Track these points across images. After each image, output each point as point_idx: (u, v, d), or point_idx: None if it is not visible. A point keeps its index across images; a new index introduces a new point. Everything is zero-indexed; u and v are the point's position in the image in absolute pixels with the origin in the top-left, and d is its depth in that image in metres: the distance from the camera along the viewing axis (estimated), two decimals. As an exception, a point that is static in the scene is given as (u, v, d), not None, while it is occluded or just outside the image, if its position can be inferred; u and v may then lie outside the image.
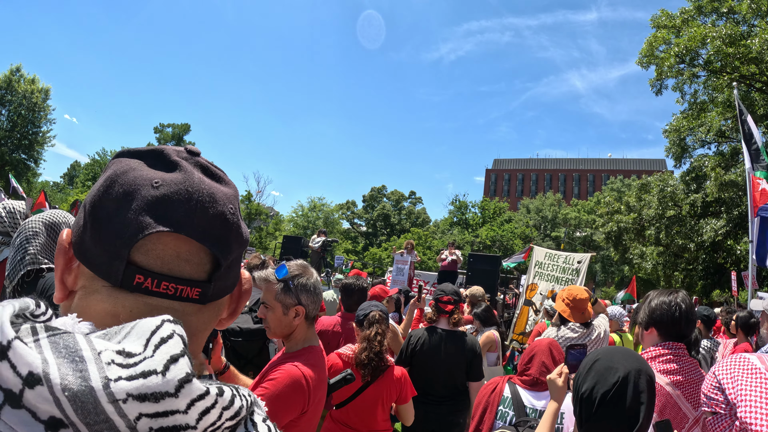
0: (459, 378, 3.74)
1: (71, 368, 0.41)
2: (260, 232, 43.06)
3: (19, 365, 0.41)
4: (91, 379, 0.41)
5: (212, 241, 0.58)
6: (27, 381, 0.40)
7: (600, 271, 44.23)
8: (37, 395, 0.40)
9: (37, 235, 2.19)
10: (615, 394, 1.52)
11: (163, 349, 0.45)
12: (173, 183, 0.57)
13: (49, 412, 0.41)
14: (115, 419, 0.41)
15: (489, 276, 10.71)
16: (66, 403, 0.40)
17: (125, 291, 0.55)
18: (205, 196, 0.58)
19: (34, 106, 37.00)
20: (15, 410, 0.41)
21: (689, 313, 2.21)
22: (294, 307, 2.03)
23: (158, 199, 0.56)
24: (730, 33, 17.33)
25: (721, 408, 1.35)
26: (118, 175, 0.58)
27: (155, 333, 0.47)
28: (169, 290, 0.56)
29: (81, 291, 0.58)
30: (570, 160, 77.84)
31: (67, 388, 0.41)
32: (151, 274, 0.55)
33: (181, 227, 0.56)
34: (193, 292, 0.58)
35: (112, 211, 0.56)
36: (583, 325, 3.67)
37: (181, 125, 52.11)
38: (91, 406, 0.41)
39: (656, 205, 21.55)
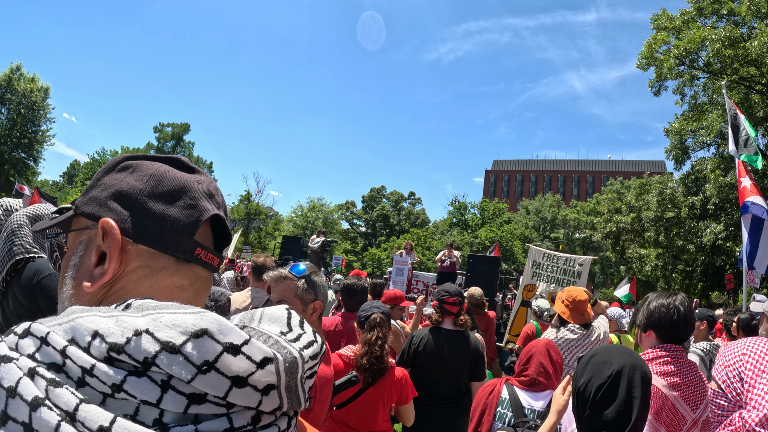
0: (462, 379, 3.71)
1: (279, 348, 0.56)
2: (259, 232, 43.05)
3: (254, 355, 0.53)
4: (294, 353, 0.57)
5: (228, 220, 0.78)
6: (260, 364, 0.53)
7: (599, 273, 44.22)
8: (265, 372, 0.54)
9: (21, 227, 2.33)
10: (609, 387, 1.56)
11: (306, 326, 0.63)
12: (206, 181, 0.77)
13: (267, 381, 0.54)
14: (299, 374, 0.57)
15: (488, 277, 10.69)
16: (283, 372, 0.55)
17: (184, 263, 0.71)
18: (220, 191, 0.79)
19: (33, 104, 36.96)
20: (240, 389, 0.52)
21: (688, 316, 2.21)
22: (312, 303, 2.08)
23: (206, 192, 0.75)
24: (729, 35, 17.34)
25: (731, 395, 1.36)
26: (163, 173, 0.73)
27: (291, 318, 0.63)
28: (208, 259, 0.74)
29: (141, 270, 0.69)
30: (569, 162, 77.86)
31: (287, 361, 0.56)
32: (204, 247, 0.73)
33: (221, 210, 0.76)
34: (216, 261, 0.76)
35: (172, 199, 0.71)
36: (582, 326, 3.67)
37: (180, 125, 52.03)
38: (294, 369, 0.56)
39: (655, 206, 21.56)
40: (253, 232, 43.05)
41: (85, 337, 0.51)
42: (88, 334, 0.51)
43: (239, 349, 0.52)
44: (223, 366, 0.51)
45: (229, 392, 0.52)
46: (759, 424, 1.25)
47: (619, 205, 24.84)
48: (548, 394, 2.54)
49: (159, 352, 0.50)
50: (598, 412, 1.57)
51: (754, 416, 1.27)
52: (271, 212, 49.63)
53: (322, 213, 49.62)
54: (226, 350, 0.52)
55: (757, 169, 17.74)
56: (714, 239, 19.13)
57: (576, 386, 1.67)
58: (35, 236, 2.33)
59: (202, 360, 0.51)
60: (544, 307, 5.97)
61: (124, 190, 0.71)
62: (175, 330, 0.52)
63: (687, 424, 2.03)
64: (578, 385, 1.65)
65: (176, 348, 0.51)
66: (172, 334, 0.52)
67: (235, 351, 0.52)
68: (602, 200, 30.99)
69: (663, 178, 23.03)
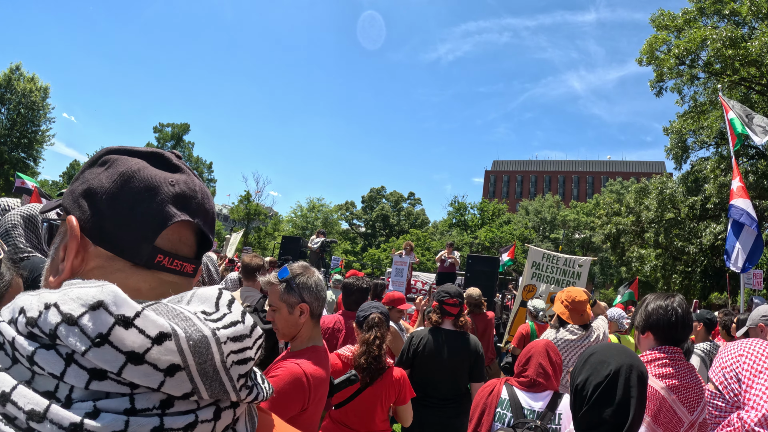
0: (462, 379, 3.71)
1: (186, 324, 0.55)
2: (259, 232, 43.05)
3: (148, 329, 0.52)
4: (203, 330, 0.55)
5: (208, 228, 0.74)
6: (156, 339, 0.51)
7: (599, 273, 44.22)
8: (164, 349, 0.52)
9: (15, 227, 2.36)
10: (606, 386, 1.57)
11: (235, 306, 0.63)
12: (184, 182, 0.72)
13: (170, 361, 0.52)
14: (216, 357, 0.55)
15: (487, 277, 10.69)
16: (188, 351, 0.53)
17: (143, 269, 0.68)
18: (204, 193, 0.75)
19: (33, 104, 36.93)
20: (137, 366, 0.51)
21: (686, 318, 2.21)
22: (298, 305, 2.09)
23: (177, 195, 0.70)
24: (730, 35, 17.36)
25: (728, 396, 1.35)
26: (134, 172, 0.69)
27: (220, 298, 0.62)
28: (176, 267, 0.70)
29: (97, 270, 0.67)
30: (569, 162, 77.88)
31: (191, 338, 0.53)
32: (167, 253, 0.69)
33: (195, 217, 0.71)
34: (190, 267, 0.72)
35: (135, 202, 0.68)
36: (582, 327, 3.66)
37: (180, 125, 51.99)
38: (204, 349, 0.54)
39: (655, 207, 21.57)
40: (252, 232, 43.05)
41: (16, 314, 0.53)
42: (18, 310, 0.53)
43: (131, 321, 0.51)
44: (116, 339, 0.50)
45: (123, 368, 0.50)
46: (758, 424, 1.25)
47: (617, 207, 24.85)
48: (548, 395, 2.53)
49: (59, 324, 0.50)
50: (595, 410, 1.58)
51: (753, 416, 1.27)
52: (270, 212, 49.65)
53: (322, 213, 49.63)
54: (118, 322, 0.51)
55: (757, 169, 17.78)
56: (714, 240, 19.14)
57: (574, 384, 1.68)
58: (28, 236, 2.35)
59: (96, 332, 0.50)
60: (539, 308, 5.96)
61: (93, 188, 0.69)
62: (77, 302, 0.51)
63: (684, 426, 2.03)
64: (576, 383, 1.66)
65: (74, 320, 0.50)
66: (74, 306, 0.51)
67: (126, 323, 0.51)
68: (601, 202, 30.97)
69: (663, 178, 23.03)
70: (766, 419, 1.25)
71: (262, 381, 0.69)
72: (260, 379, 0.68)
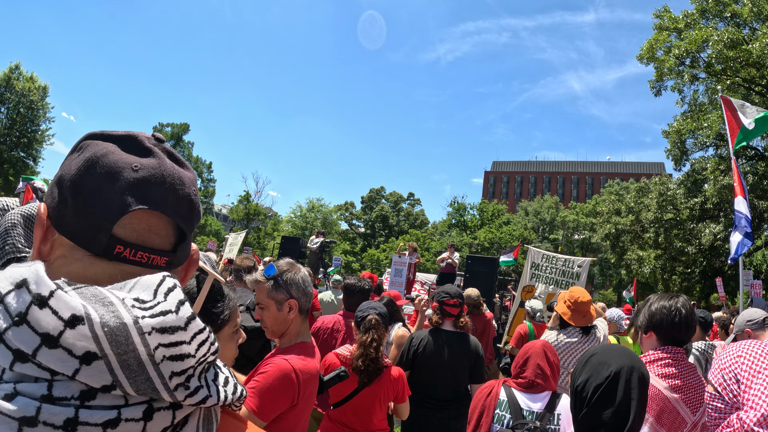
0: (462, 381, 3.70)
1: (105, 310, 0.51)
2: (258, 232, 43.04)
3: (61, 310, 0.49)
4: (123, 317, 0.51)
5: (181, 217, 0.68)
6: (69, 322, 0.49)
7: (598, 274, 44.25)
8: (77, 333, 0.49)
9: (15, 226, 2.34)
10: (607, 387, 1.57)
11: (172, 295, 0.57)
12: (150, 167, 0.66)
13: (86, 348, 0.49)
14: (140, 349, 0.51)
15: (487, 278, 10.70)
16: (103, 338, 0.50)
17: (104, 260, 0.63)
18: (176, 179, 0.68)
19: (32, 104, 36.93)
20: (51, 350, 0.49)
21: (689, 319, 2.20)
22: (286, 301, 2.09)
23: (138, 181, 0.64)
24: (731, 37, 17.38)
25: (728, 397, 1.35)
26: (99, 157, 0.64)
27: (161, 285, 0.58)
28: (143, 259, 0.65)
29: (61, 259, 0.64)
30: (568, 163, 77.94)
31: (106, 324, 0.50)
32: (130, 245, 0.63)
33: (158, 205, 0.65)
34: (161, 260, 0.67)
35: (95, 189, 0.63)
36: (582, 329, 3.65)
37: (180, 125, 52.00)
38: (123, 338, 0.50)
39: (655, 207, 21.58)
40: (252, 232, 43.03)
41: None
42: None
43: (46, 301, 0.49)
44: (32, 319, 0.48)
45: (38, 350, 0.48)
46: (757, 424, 1.25)
47: (619, 206, 24.86)
48: (546, 396, 2.53)
49: None
50: (596, 411, 1.57)
51: (752, 416, 1.27)
52: (270, 213, 49.66)
53: (321, 214, 49.67)
54: (34, 302, 0.49)
55: (757, 170, 17.78)
56: (713, 240, 19.15)
57: (574, 385, 1.67)
58: (28, 235, 2.35)
59: (17, 311, 0.49)
60: (537, 308, 5.96)
61: (63, 175, 0.65)
62: (7, 281, 0.50)
63: (687, 427, 2.02)
64: (576, 384, 1.66)
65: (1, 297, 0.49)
66: (5, 284, 0.50)
67: (41, 303, 0.49)
68: (601, 202, 31.00)
69: (662, 178, 23.05)
70: (765, 419, 1.25)
71: (225, 383, 0.64)
72: (221, 381, 0.64)
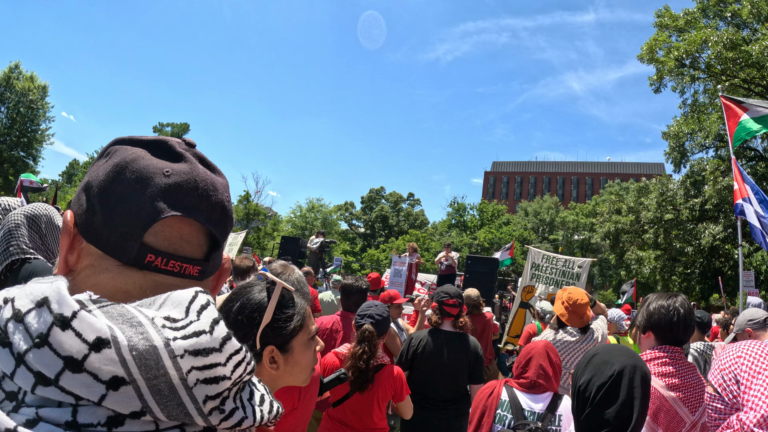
0: (462, 381, 3.70)
1: (133, 331, 0.48)
2: (258, 232, 43.03)
3: (85, 332, 0.46)
4: (153, 340, 0.48)
5: (214, 225, 0.65)
6: (94, 345, 0.46)
7: (598, 275, 44.26)
8: (103, 357, 0.46)
9: (19, 227, 2.31)
10: (610, 386, 1.57)
11: (205, 314, 0.54)
12: (182, 173, 0.63)
13: (113, 372, 0.46)
14: (172, 373, 0.48)
15: (486, 278, 10.71)
16: (131, 362, 0.47)
17: (134, 269, 0.61)
18: (209, 185, 0.65)
19: (31, 103, 36.93)
20: (75, 374, 0.46)
21: (687, 318, 2.20)
22: None
23: (170, 186, 0.62)
24: (731, 38, 17.40)
25: (727, 397, 1.35)
26: (128, 163, 0.62)
27: (193, 302, 0.55)
28: (174, 268, 0.62)
29: (88, 269, 0.62)
30: (568, 164, 77.96)
31: (135, 348, 0.47)
32: (161, 253, 0.61)
33: (191, 212, 0.63)
34: (194, 269, 0.64)
35: (125, 195, 0.60)
36: (581, 329, 3.66)
37: (180, 124, 52.05)
38: (153, 362, 0.47)
39: (654, 208, 21.60)
40: (252, 232, 43.03)
41: None
42: None
43: (68, 322, 0.46)
44: (54, 341, 0.45)
45: (60, 375, 0.45)
46: (757, 425, 1.25)
47: (619, 206, 24.88)
48: (547, 396, 2.53)
49: (9, 320, 0.46)
50: (599, 411, 1.57)
51: (752, 417, 1.27)
52: (270, 213, 49.63)
53: (321, 214, 49.65)
54: (56, 322, 0.46)
55: (757, 171, 17.78)
56: (712, 241, 19.17)
57: (576, 385, 1.67)
58: (31, 236, 2.32)
59: (38, 332, 0.46)
60: (547, 309, 5.96)
61: (90, 182, 0.63)
62: (28, 298, 0.47)
63: (686, 427, 2.02)
64: (579, 384, 1.65)
65: (21, 316, 0.46)
66: (25, 302, 0.47)
67: (63, 324, 0.46)
68: (601, 202, 31.01)
69: (662, 179, 23.09)
70: (765, 420, 1.25)
71: (261, 402, 0.62)
72: (257, 400, 0.61)
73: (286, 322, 1.28)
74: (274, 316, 1.26)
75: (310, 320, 1.34)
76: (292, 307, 1.31)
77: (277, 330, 1.26)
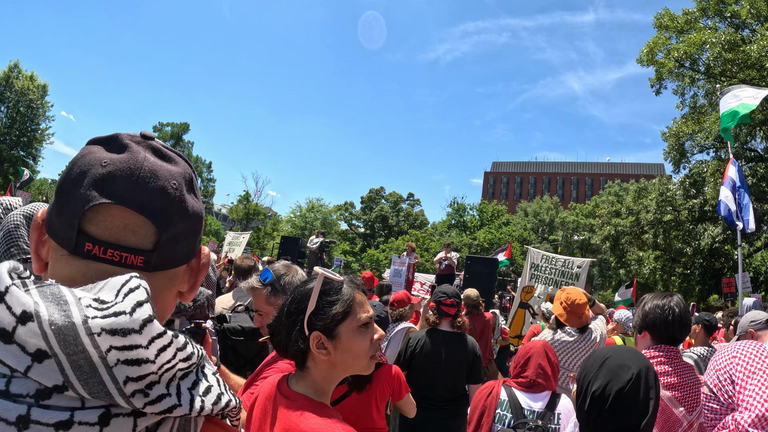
0: (460, 381, 3.70)
1: (57, 308, 0.51)
2: (258, 232, 43.00)
3: (14, 306, 0.50)
4: (73, 317, 0.51)
5: (150, 212, 0.64)
6: (20, 319, 0.49)
7: (597, 275, 44.25)
8: (28, 330, 0.49)
9: (18, 227, 2.34)
10: (629, 390, 1.54)
11: (131, 296, 0.55)
12: (118, 162, 0.64)
13: (37, 345, 0.49)
14: (90, 350, 0.51)
15: (486, 278, 10.71)
16: (51, 336, 0.50)
17: (78, 258, 0.63)
18: (147, 172, 0.65)
19: (31, 102, 36.92)
20: (6, 345, 0.50)
21: (683, 317, 2.21)
22: None
23: (104, 176, 0.63)
24: (729, 39, 17.41)
25: (723, 398, 1.36)
26: (78, 159, 0.66)
27: (125, 285, 0.56)
28: (114, 257, 0.63)
29: (51, 260, 0.66)
30: (568, 164, 77.93)
31: (54, 323, 0.50)
32: (99, 242, 0.62)
33: (122, 200, 0.63)
34: (137, 259, 0.64)
35: (71, 188, 0.64)
36: (579, 329, 3.66)
37: (179, 124, 52.01)
38: (72, 338, 0.50)
39: (654, 209, 21.60)
40: (251, 232, 43.05)
41: None
42: None
43: (2, 297, 0.50)
44: None
45: None
46: (752, 425, 1.26)
47: (618, 208, 24.87)
48: (546, 395, 2.55)
49: None
50: (619, 415, 1.55)
51: (747, 417, 1.28)
52: (269, 213, 49.65)
53: (321, 214, 49.67)
54: None
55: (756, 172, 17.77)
56: (712, 242, 19.18)
57: (589, 390, 1.62)
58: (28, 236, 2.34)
59: None
60: None
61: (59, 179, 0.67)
62: None
63: (683, 426, 2.03)
64: (593, 389, 1.60)
65: None
66: None
67: None
68: (601, 203, 31.00)
69: (662, 179, 23.09)
70: (760, 419, 1.25)
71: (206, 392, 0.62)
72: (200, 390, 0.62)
73: (327, 309, 1.32)
74: (318, 303, 1.32)
75: (360, 308, 1.37)
76: (336, 295, 1.35)
77: (320, 316, 1.32)
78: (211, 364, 0.68)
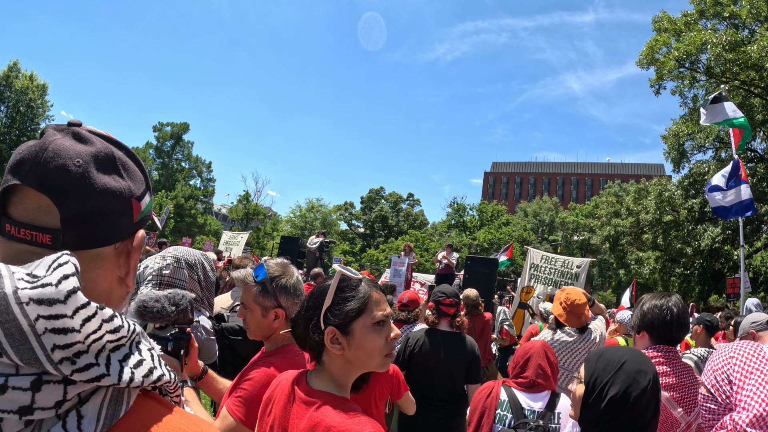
0: (459, 381, 3.70)
1: None
2: (258, 232, 43.03)
3: None
4: (4, 287, 0.55)
5: (50, 190, 0.67)
6: None
7: (597, 275, 44.28)
8: None
9: None
10: (648, 395, 1.54)
11: (59, 270, 0.59)
12: (29, 146, 0.69)
13: None
14: (20, 318, 0.55)
15: (486, 278, 10.71)
16: None
17: (5, 239, 0.68)
18: (50, 153, 0.68)
19: (31, 102, 36.91)
20: None
21: (681, 317, 2.20)
22: (273, 309, 1.94)
23: (16, 160, 0.69)
24: (730, 39, 17.41)
25: (720, 398, 1.35)
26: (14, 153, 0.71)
27: (55, 261, 0.60)
28: (27, 236, 0.67)
29: None
30: (568, 164, 77.98)
31: None
32: (15, 222, 0.67)
33: (24, 179, 0.67)
34: (45, 238, 0.67)
35: None
36: (578, 329, 3.65)
37: (179, 124, 52.00)
38: (3, 307, 0.54)
39: (654, 209, 21.61)
40: (251, 232, 43.08)
41: None
42: None
43: None
44: None
45: None
46: (750, 425, 1.25)
47: (618, 208, 24.88)
48: (546, 395, 2.54)
49: None
50: (633, 419, 1.55)
51: (744, 417, 1.27)
52: (269, 212, 49.66)
53: (321, 214, 49.71)
54: None
55: (756, 172, 17.78)
56: (712, 243, 19.18)
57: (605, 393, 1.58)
58: None
59: None
60: (550, 311, 5.97)
61: None
62: None
63: (681, 427, 2.02)
64: (612, 393, 1.57)
65: None
66: None
67: None
68: (601, 203, 31.01)
69: (662, 180, 23.10)
70: (758, 419, 1.25)
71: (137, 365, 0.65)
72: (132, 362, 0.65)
73: (343, 305, 1.36)
74: (334, 299, 1.36)
75: (376, 306, 1.40)
76: (351, 292, 1.38)
77: (335, 312, 1.35)
78: (148, 341, 0.71)
